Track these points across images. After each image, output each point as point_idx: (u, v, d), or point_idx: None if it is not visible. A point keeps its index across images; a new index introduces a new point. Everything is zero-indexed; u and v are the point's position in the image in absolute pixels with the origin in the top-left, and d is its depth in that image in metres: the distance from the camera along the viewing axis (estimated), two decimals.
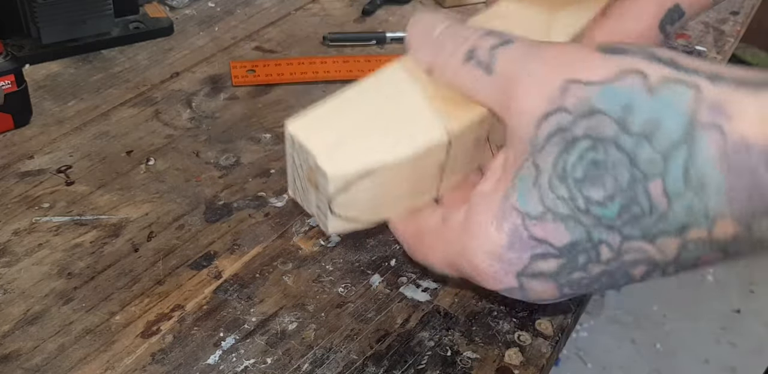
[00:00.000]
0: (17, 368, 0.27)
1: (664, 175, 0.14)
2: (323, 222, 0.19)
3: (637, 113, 0.14)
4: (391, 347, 0.29)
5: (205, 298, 0.30)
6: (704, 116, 0.14)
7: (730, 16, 0.55)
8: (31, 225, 0.33)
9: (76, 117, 0.39)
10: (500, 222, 0.16)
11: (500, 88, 0.17)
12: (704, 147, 0.13)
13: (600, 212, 0.15)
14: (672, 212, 0.14)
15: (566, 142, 0.15)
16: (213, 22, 0.48)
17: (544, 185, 0.16)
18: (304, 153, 0.18)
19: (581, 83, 0.15)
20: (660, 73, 0.14)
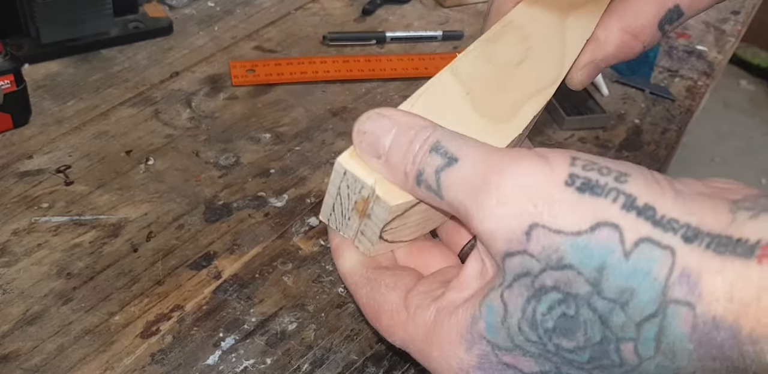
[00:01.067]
0: (16, 368, 0.27)
1: (635, 340, 0.14)
2: (366, 246, 0.19)
3: (612, 277, 0.14)
4: (391, 347, 0.29)
5: (205, 298, 0.30)
6: (676, 292, 0.13)
7: (731, 15, 0.55)
8: (30, 225, 0.33)
9: (75, 117, 0.39)
10: (470, 345, 0.16)
11: (457, 213, 0.16)
12: (676, 324, 0.14)
13: (570, 356, 0.15)
14: (642, 367, 0.14)
15: (534, 289, 0.15)
16: (213, 21, 0.48)
17: (513, 327, 0.15)
18: (357, 185, 0.18)
19: (548, 230, 0.14)
20: (636, 232, 0.14)
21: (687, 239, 0.14)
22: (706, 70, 0.48)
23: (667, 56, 0.49)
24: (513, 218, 0.14)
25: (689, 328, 0.14)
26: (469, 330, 0.16)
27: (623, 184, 0.14)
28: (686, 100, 0.46)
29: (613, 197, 0.14)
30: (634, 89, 0.46)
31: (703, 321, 0.13)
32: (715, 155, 1.21)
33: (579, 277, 0.14)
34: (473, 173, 0.15)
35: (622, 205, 0.14)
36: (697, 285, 0.13)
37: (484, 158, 0.15)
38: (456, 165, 0.16)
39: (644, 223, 0.14)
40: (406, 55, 0.45)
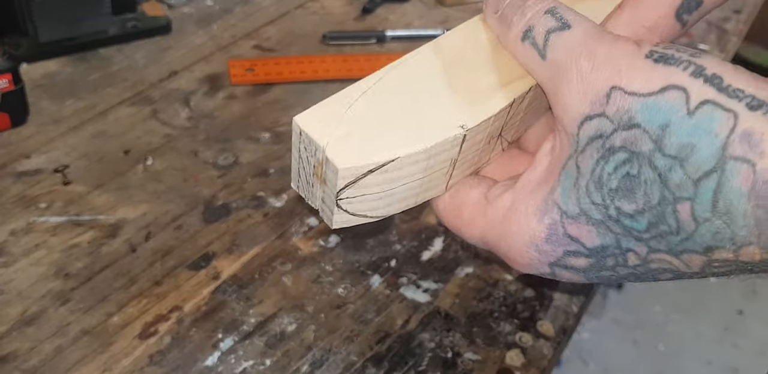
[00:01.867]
0: (14, 369, 0.27)
1: (693, 200, 0.14)
2: (328, 217, 0.19)
3: (674, 134, 0.15)
4: (391, 348, 0.28)
5: (204, 299, 0.30)
6: (737, 149, 0.14)
7: (733, 14, 0.54)
8: (28, 225, 0.32)
9: (73, 116, 0.39)
10: (542, 215, 0.17)
11: (551, 75, 0.17)
12: (734, 180, 0.14)
13: (629, 223, 0.16)
14: (698, 234, 0.15)
15: (605, 150, 0.16)
16: (211, 20, 0.47)
17: (582, 188, 0.16)
18: (312, 146, 0.17)
19: (624, 92, 0.15)
20: (701, 94, 0.15)
21: (751, 107, 0.14)
22: None
23: None
24: (599, 80, 0.16)
25: (748, 185, 0.14)
26: (545, 199, 0.17)
27: (696, 57, 0.16)
28: None
29: (685, 65, 0.15)
30: None
31: (763, 179, 0.14)
32: None
33: (644, 135, 0.15)
34: (580, 40, 0.17)
35: (692, 72, 0.15)
36: (759, 144, 0.14)
37: (591, 31, 0.17)
38: (567, 31, 0.17)
39: (710, 88, 0.15)
40: None
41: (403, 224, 0.34)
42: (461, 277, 0.32)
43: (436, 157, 0.18)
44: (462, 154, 0.18)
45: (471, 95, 0.18)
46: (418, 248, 0.33)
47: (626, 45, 0.16)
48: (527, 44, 0.18)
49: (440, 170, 0.18)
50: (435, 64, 0.19)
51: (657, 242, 0.16)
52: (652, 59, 0.16)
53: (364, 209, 0.18)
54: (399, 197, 0.19)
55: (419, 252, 0.33)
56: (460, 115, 0.18)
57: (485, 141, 0.19)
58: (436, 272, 0.32)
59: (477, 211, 0.19)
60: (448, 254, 0.33)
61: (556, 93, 0.17)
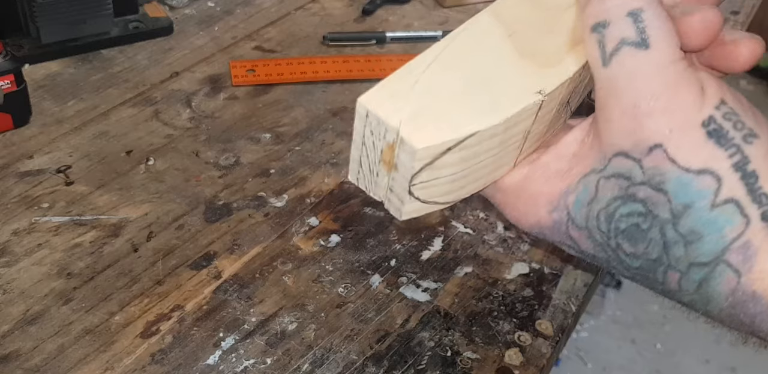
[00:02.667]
0: (17, 368, 0.27)
1: (683, 274, 0.16)
2: (396, 207, 0.17)
3: (691, 218, 0.15)
4: (391, 347, 0.29)
5: (205, 298, 0.30)
6: (732, 257, 0.15)
7: (730, 15, 0.55)
8: (30, 225, 0.33)
9: (75, 117, 0.39)
10: (553, 210, 0.18)
11: (605, 84, 0.16)
12: (720, 281, 0.15)
13: (624, 258, 0.17)
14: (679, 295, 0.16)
15: (626, 193, 0.16)
16: (213, 21, 0.48)
17: (593, 211, 0.17)
18: (381, 128, 0.16)
19: (667, 156, 0.15)
20: (731, 190, 0.15)
21: (765, 218, 0.15)
22: None
23: None
24: (650, 130, 0.16)
25: (729, 290, 0.15)
26: (559, 198, 0.17)
27: (747, 144, 0.16)
28: None
29: (732, 152, 0.15)
30: None
31: (743, 290, 0.15)
32: None
33: (667, 204, 0.16)
34: (651, 72, 0.16)
35: (735, 163, 0.15)
36: (750, 259, 0.15)
37: (666, 63, 0.16)
38: (643, 52, 0.16)
39: (742, 187, 0.15)
40: (406, 56, 0.45)
41: (403, 224, 0.34)
42: (460, 276, 0.32)
43: (513, 128, 0.17)
44: (535, 124, 0.17)
45: (541, 58, 0.17)
46: (418, 247, 0.33)
47: (690, 96, 0.15)
48: (594, 37, 0.16)
49: (513, 143, 0.17)
50: (496, 30, 0.17)
51: (642, 279, 0.17)
52: (707, 131, 0.15)
53: (435, 195, 0.17)
54: (472, 178, 0.18)
55: (419, 252, 0.33)
56: (534, 80, 0.16)
57: (556, 109, 0.18)
58: (436, 272, 0.32)
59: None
60: (448, 254, 0.33)
61: (605, 106, 0.16)
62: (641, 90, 0.16)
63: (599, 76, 0.16)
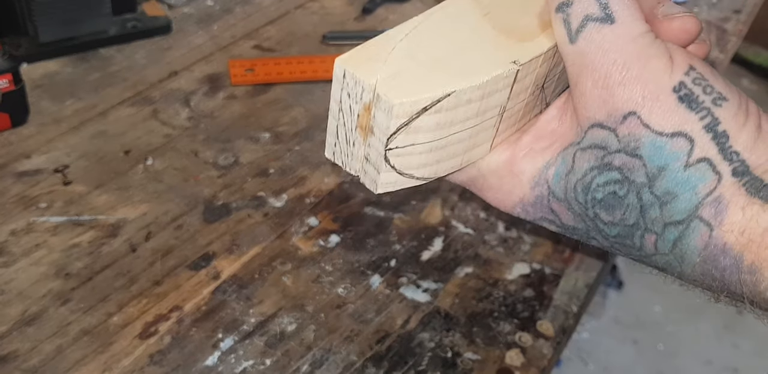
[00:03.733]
0: (14, 369, 0.27)
1: (659, 235, 0.16)
2: (372, 178, 0.17)
3: (666, 179, 0.16)
4: (391, 348, 0.28)
5: (204, 299, 0.30)
6: (705, 211, 0.16)
7: (732, 14, 0.54)
8: (28, 225, 0.32)
9: (73, 116, 0.39)
10: (535, 185, 0.18)
11: (575, 61, 0.17)
12: (693, 237, 0.16)
13: (602, 226, 0.17)
14: (655, 258, 0.17)
15: (602, 162, 0.17)
16: (211, 20, 0.47)
17: (570, 183, 0.17)
18: (358, 88, 0.16)
19: (641, 121, 0.16)
20: (703, 150, 0.16)
21: (735, 173, 0.16)
22: None
23: None
24: (622, 100, 0.16)
25: (702, 244, 0.16)
26: (540, 173, 0.18)
27: (717, 107, 0.16)
28: None
29: (702, 115, 0.16)
30: None
31: (714, 243, 0.16)
32: None
33: (642, 168, 0.16)
34: (619, 45, 0.16)
35: (706, 125, 0.16)
36: (722, 212, 0.16)
37: (633, 36, 0.16)
38: (608, 26, 0.16)
39: (713, 146, 0.16)
40: None
41: (403, 224, 0.34)
42: (461, 277, 0.32)
43: (489, 98, 0.17)
44: (511, 101, 0.18)
45: (517, 34, 0.17)
46: (418, 248, 0.33)
47: (660, 64, 0.16)
48: (559, 18, 0.17)
49: (489, 119, 0.18)
50: (472, 9, 0.18)
51: (620, 247, 0.17)
52: (678, 96, 0.16)
53: (412, 165, 0.17)
54: (449, 152, 0.18)
55: (419, 252, 0.33)
56: (509, 52, 0.17)
57: (531, 91, 0.18)
58: (436, 272, 0.32)
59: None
60: (448, 254, 0.33)
61: (577, 82, 0.17)
62: (612, 62, 0.16)
63: (568, 53, 0.17)
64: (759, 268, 0.15)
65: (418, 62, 0.16)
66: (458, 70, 0.16)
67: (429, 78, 0.16)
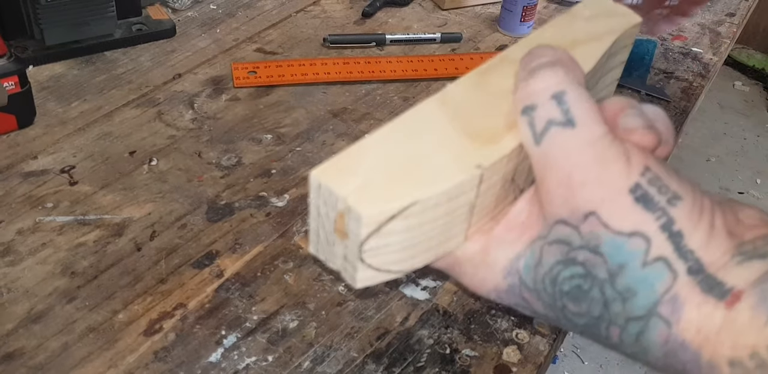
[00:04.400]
0: (21, 366, 0.27)
1: (622, 329, 0.17)
2: (351, 275, 0.19)
3: (626, 277, 0.17)
4: (391, 345, 0.29)
5: (207, 297, 0.30)
6: (663, 309, 0.17)
7: (726, 17, 0.55)
8: (34, 225, 0.33)
9: (79, 118, 0.39)
10: (507, 274, 0.19)
11: (540, 161, 0.18)
12: (654, 333, 0.17)
13: (570, 316, 0.18)
14: (621, 348, 0.18)
15: (567, 257, 0.18)
16: (215, 24, 0.48)
17: (539, 275, 0.18)
18: (332, 198, 0.17)
19: (600, 221, 0.17)
20: (659, 249, 0.17)
21: (690, 272, 0.17)
22: (701, 71, 0.49)
23: (663, 58, 0.50)
24: (584, 200, 0.17)
25: (662, 340, 0.17)
26: (511, 264, 0.19)
27: (672, 207, 0.17)
28: (682, 101, 0.46)
29: (658, 215, 0.17)
30: (630, 90, 0.46)
31: (674, 340, 0.17)
32: (711, 155, 1.21)
33: (603, 265, 0.17)
34: (580, 149, 0.17)
35: (661, 225, 0.17)
36: (679, 311, 0.16)
37: (593, 140, 0.17)
38: (570, 130, 0.17)
39: (669, 245, 0.17)
40: (405, 57, 0.46)
41: None
42: None
43: (455, 200, 0.18)
44: (480, 198, 0.19)
45: (482, 137, 0.18)
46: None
47: (617, 167, 0.17)
48: (524, 120, 0.18)
49: (459, 215, 0.19)
50: (441, 113, 0.19)
51: (589, 335, 0.18)
52: (634, 197, 0.17)
53: (388, 262, 0.19)
54: (422, 248, 0.19)
55: None
56: (474, 156, 0.18)
57: (500, 185, 0.19)
58: (435, 271, 0.33)
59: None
60: None
61: (542, 180, 0.18)
62: (573, 164, 0.17)
63: (533, 153, 0.18)
64: (717, 364, 0.16)
65: (385, 173, 0.18)
66: (422, 179, 0.18)
67: (395, 188, 0.17)
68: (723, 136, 1.27)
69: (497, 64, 0.21)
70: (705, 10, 0.56)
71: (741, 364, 0.15)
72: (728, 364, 0.16)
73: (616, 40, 0.21)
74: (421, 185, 0.17)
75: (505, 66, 0.20)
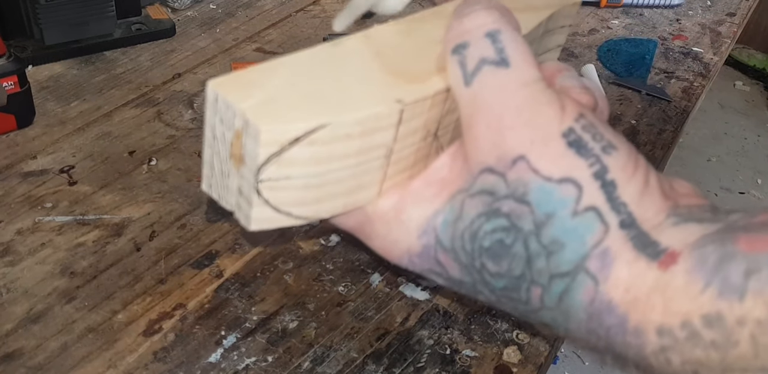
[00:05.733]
0: (20, 366, 0.27)
1: (545, 289, 0.16)
2: (245, 213, 0.16)
3: (553, 227, 0.15)
4: (391, 345, 0.29)
5: (207, 297, 0.30)
6: (592, 264, 0.15)
7: (726, 17, 0.55)
8: (34, 225, 0.33)
9: (78, 118, 0.39)
10: (422, 234, 0.17)
11: (469, 103, 0.16)
12: (579, 291, 0.15)
13: (488, 279, 0.17)
14: (541, 313, 0.16)
15: (490, 209, 0.16)
16: (214, 23, 0.48)
17: (458, 231, 0.17)
18: (229, 113, 0.15)
19: (529, 166, 0.16)
20: (591, 198, 0.15)
21: (623, 225, 0.15)
22: (701, 71, 0.49)
23: (664, 58, 0.50)
24: (513, 143, 0.16)
25: (588, 299, 0.15)
26: (428, 221, 0.17)
27: (606, 155, 0.16)
28: (682, 101, 0.46)
29: (591, 162, 0.16)
30: (630, 90, 0.46)
31: (600, 299, 0.15)
32: (711, 156, 1.21)
33: (530, 215, 0.16)
34: (513, 89, 0.16)
35: (594, 172, 0.15)
36: (608, 266, 0.15)
37: (526, 80, 0.16)
38: (503, 70, 0.16)
39: (602, 194, 0.15)
40: None
41: None
42: None
43: (370, 137, 0.16)
44: (398, 143, 0.16)
45: (406, 76, 0.16)
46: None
47: (550, 110, 0.16)
48: (455, 59, 0.16)
49: (374, 160, 0.16)
50: (365, 48, 0.17)
51: (506, 301, 0.17)
52: (567, 141, 0.15)
53: (288, 202, 0.16)
54: (329, 192, 0.16)
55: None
56: (395, 92, 0.16)
57: (421, 135, 0.17)
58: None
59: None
60: None
61: (470, 125, 0.16)
62: (504, 105, 0.16)
63: (462, 95, 0.17)
64: (644, 330, 0.14)
65: (296, 91, 0.15)
66: (337, 104, 0.15)
67: (304, 107, 0.15)
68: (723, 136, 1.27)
69: (429, 15, 0.19)
70: (705, 10, 0.56)
71: (670, 333, 0.14)
72: (656, 332, 0.14)
73: (552, 14, 0.20)
74: (333, 109, 0.15)
75: (438, 18, 0.18)
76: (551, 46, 0.22)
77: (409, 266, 0.18)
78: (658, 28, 0.53)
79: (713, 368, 0.14)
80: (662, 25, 0.53)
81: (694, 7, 0.56)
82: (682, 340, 0.14)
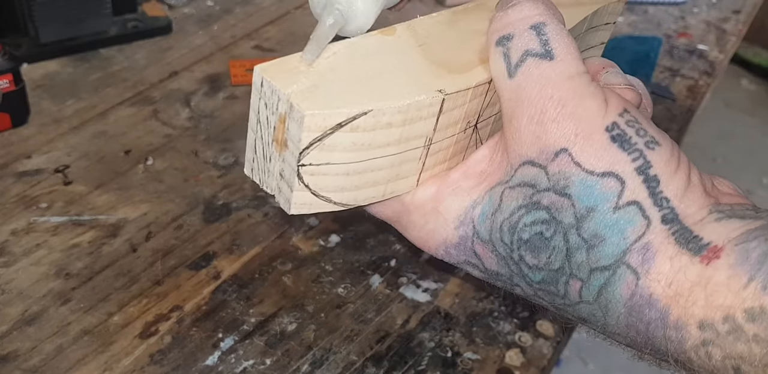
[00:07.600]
0: (15, 369, 0.27)
1: (584, 282, 0.16)
2: (286, 197, 0.16)
3: (595, 221, 0.16)
4: (391, 348, 0.29)
5: (204, 299, 0.30)
6: (633, 258, 0.15)
7: (732, 15, 0.54)
8: (28, 225, 0.32)
9: (74, 116, 0.39)
10: (459, 225, 0.18)
11: (512, 96, 0.16)
12: (619, 285, 0.15)
13: (526, 271, 0.17)
14: (579, 307, 0.16)
15: (531, 201, 0.16)
16: (212, 21, 0.48)
17: (497, 223, 0.17)
18: (274, 98, 0.15)
19: (572, 159, 0.16)
20: (634, 192, 0.15)
21: (665, 220, 0.15)
22: (707, 69, 0.48)
23: (669, 56, 0.49)
24: (555, 136, 0.16)
25: (628, 293, 0.15)
26: (466, 212, 0.17)
27: (649, 150, 0.16)
28: (687, 99, 0.45)
29: (635, 156, 0.16)
30: None
31: (640, 293, 0.15)
32: (717, 155, 1.21)
33: (571, 208, 0.16)
34: (557, 81, 0.16)
35: (637, 167, 0.16)
36: (650, 260, 0.15)
37: (571, 73, 0.16)
38: (547, 62, 0.16)
39: (644, 189, 0.15)
40: None
41: None
42: (461, 277, 0.32)
43: (411, 125, 0.16)
44: (438, 133, 0.17)
45: (449, 66, 0.17)
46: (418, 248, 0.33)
47: (594, 104, 0.16)
48: (498, 51, 0.16)
49: (414, 149, 0.17)
50: (408, 38, 0.17)
51: (543, 294, 0.17)
52: (610, 135, 0.16)
53: (328, 187, 0.16)
54: (368, 180, 0.17)
55: (419, 252, 0.33)
56: (438, 81, 0.16)
57: (461, 127, 0.17)
58: (436, 272, 0.32)
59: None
60: None
61: (512, 117, 0.16)
62: (548, 97, 0.16)
63: (505, 87, 0.17)
64: (685, 324, 0.14)
65: (340, 78, 0.16)
66: (380, 91, 0.16)
67: (348, 94, 0.15)
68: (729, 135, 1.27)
69: (473, 8, 0.19)
70: (711, 7, 0.55)
71: (712, 327, 0.14)
72: (698, 326, 0.14)
73: (597, 10, 0.20)
74: (375, 97, 0.15)
75: (482, 11, 0.19)
76: (594, 43, 0.22)
77: (445, 258, 0.18)
78: (663, 26, 0.52)
79: (754, 362, 0.13)
80: (667, 23, 0.52)
81: (699, 4, 0.55)
82: (723, 334, 0.14)
